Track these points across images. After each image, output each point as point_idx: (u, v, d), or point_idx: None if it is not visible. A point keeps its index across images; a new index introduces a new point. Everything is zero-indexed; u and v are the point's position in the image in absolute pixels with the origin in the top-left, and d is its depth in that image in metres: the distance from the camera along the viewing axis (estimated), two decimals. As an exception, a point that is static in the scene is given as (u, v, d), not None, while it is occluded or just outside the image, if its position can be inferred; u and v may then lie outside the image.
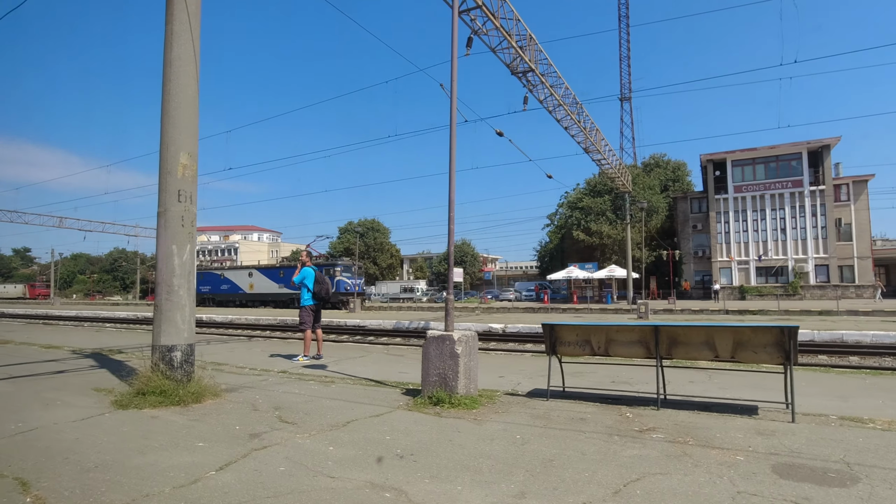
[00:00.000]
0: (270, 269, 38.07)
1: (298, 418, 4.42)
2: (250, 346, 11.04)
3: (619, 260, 40.90)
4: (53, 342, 11.38)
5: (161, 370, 5.06)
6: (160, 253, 5.22)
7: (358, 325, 20.72)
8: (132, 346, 10.78)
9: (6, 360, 8.32)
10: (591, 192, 43.77)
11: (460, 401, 4.87)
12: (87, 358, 8.63)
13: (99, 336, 13.67)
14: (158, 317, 5.17)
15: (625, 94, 49.02)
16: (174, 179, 5.27)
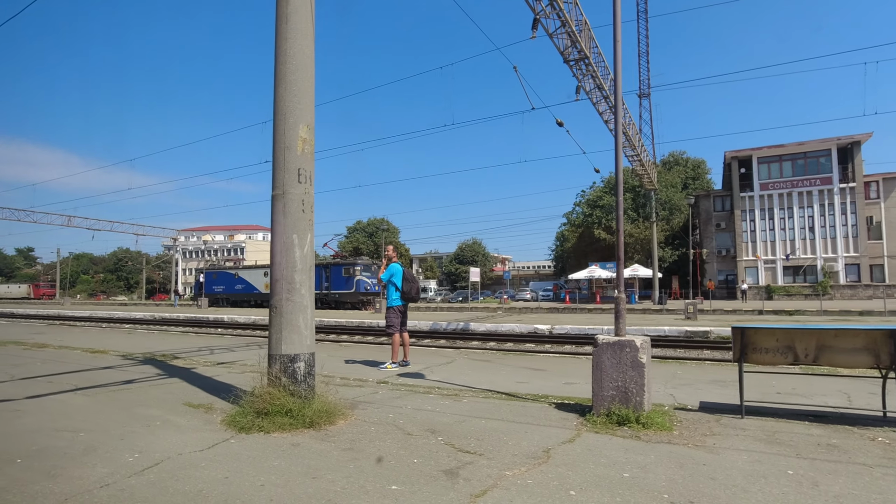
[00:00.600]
0: (287, 268, 37.22)
1: (473, 445, 3.57)
2: (323, 350, 10.17)
3: (641, 259, 40.09)
4: (93, 345, 10.54)
5: (283, 385, 4.21)
6: (278, 244, 4.37)
7: (380, 327, 19.87)
8: (183, 350, 9.93)
9: (58, 367, 7.47)
10: (611, 190, 42.91)
11: (650, 419, 4.03)
12: (145, 364, 7.78)
13: (135, 338, 12.81)
14: (277, 320, 4.32)
15: (643, 90, 48.09)
16: (293, 156, 4.42)
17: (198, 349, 10.09)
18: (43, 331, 15.42)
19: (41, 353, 9.23)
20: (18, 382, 6.25)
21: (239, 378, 6.42)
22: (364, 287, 33.24)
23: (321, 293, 34.33)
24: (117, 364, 7.76)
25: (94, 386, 5.90)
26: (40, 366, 7.64)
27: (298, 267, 4.37)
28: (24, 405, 4.95)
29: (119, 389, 5.70)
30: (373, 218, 76.20)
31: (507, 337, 14.82)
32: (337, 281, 33.77)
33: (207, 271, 41.69)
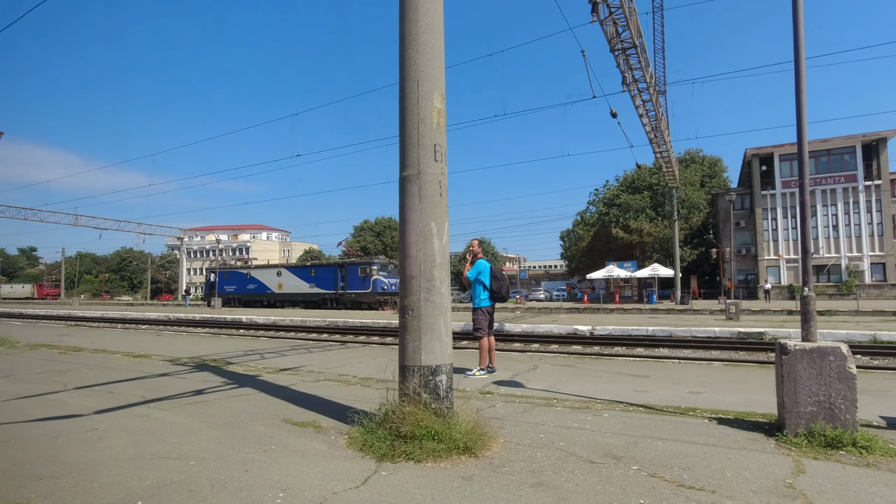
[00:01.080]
0: (301, 268, 36.49)
1: (688, 478, 2.90)
2: (366, 354, 9.50)
3: (660, 258, 39.42)
4: (130, 349, 9.87)
5: (424, 402, 3.53)
6: (412, 234, 3.69)
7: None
8: (228, 354, 9.25)
9: (109, 374, 6.80)
10: (627, 188, 42.26)
11: (871, 442, 3.36)
12: (202, 371, 7.11)
13: (168, 341, 12.14)
14: (415, 325, 3.64)
15: (659, 87, 47.39)
16: (428, 130, 3.74)
17: (244, 353, 9.41)
18: (67, 332, 14.74)
19: (80, 358, 8.56)
20: (75, 393, 5.57)
21: (321, 388, 5.76)
22: (381, 287, 32.54)
23: (336, 293, 33.68)
24: (172, 371, 7.09)
25: (164, 398, 5.23)
26: (87, 373, 6.97)
27: (437, 261, 3.70)
28: (99, 422, 4.28)
29: (196, 402, 5.03)
30: (380, 217, 75.54)
31: (547, 338, 14.19)
32: (353, 281, 33.09)
33: (219, 271, 41.01)
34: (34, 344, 10.71)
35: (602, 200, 44.00)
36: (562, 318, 21.22)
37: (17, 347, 10.13)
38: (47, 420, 4.37)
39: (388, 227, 73.21)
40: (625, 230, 40.15)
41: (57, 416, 4.47)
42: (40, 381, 6.31)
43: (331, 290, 33.94)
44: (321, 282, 34.51)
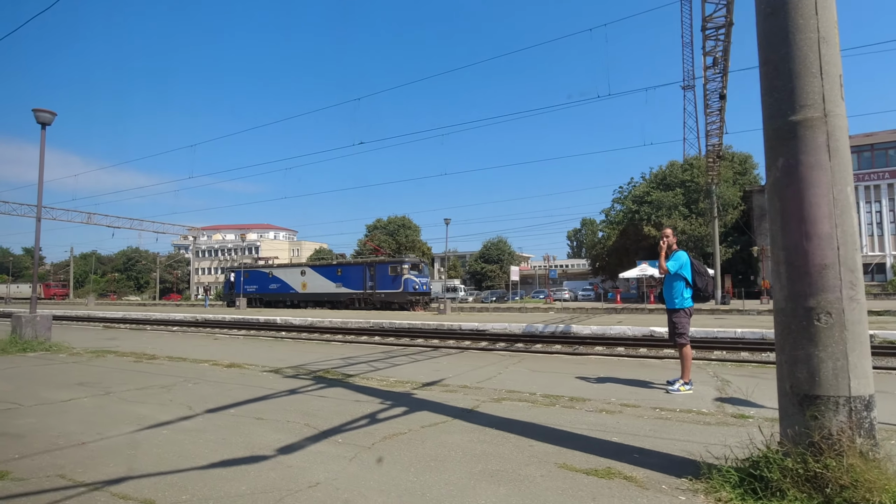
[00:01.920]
0: (326, 267, 35.31)
1: None
2: (485, 362, 8.32)
3: (694, 257, 38.10)
4: (209, 356, 8.69)
5: (858, 449, 2.36)
6: (820, 203, 2.51)
7: (476, 330, 18.03)
8: (325, 362, 8.07)
9: (224, 391, 5.62)
10: (658, 185, 41.09)
11: None
12: (332, 387, 5.93)
13: (238, 347, 10.97)
14: (832, 336, 2.46)
15: (687, 82, 46.34)
16: (833, 52, 2.57)
17: (343, 361, 8.23)
18: (113, 336, 13.55)
19: (166, 367, 7.39)
20: (214, 419, 4.40)
21: (533, 413, 4.59)
22: (412, 287, 31.39)
23: (364, 293, 32.52)
24: (296, 386, 5.90)
25: (339, 428, 4.06)
26: (195, 388, 5.80)
27: (857, 243, 2.52)
28: (304, 470, 3.10)
29: (392, 436, 3.84)
30: (393, 216, 74.47)
31: (626, 341, 13.11)
32: (382, 280, 31.93)
33: (238, 270, 39.85)
34: (96, 350, 9.53)
35: (631, 198, 42.83)
36: (610, 319, 20.03)
37: (81, 354, 8.96)
38: (229, 465, 3.19)
39: (402, 226, 72.14)
40: (657, 228, 38.92)
41: (237, 459, 3.29)
42: (152, 400, 5.14)
43: (359, 290, 32.79)
44: (348, 281, 33.35)
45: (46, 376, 6.76)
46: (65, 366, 7.68)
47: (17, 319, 9.54)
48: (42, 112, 9.84)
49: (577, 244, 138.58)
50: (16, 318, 9.57)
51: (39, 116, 9.84)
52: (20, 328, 9.45)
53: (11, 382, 6.28)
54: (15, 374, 6.90)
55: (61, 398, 5.25)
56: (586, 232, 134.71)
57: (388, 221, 73.65)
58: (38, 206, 10.07)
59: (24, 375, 6.85)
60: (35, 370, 7.29)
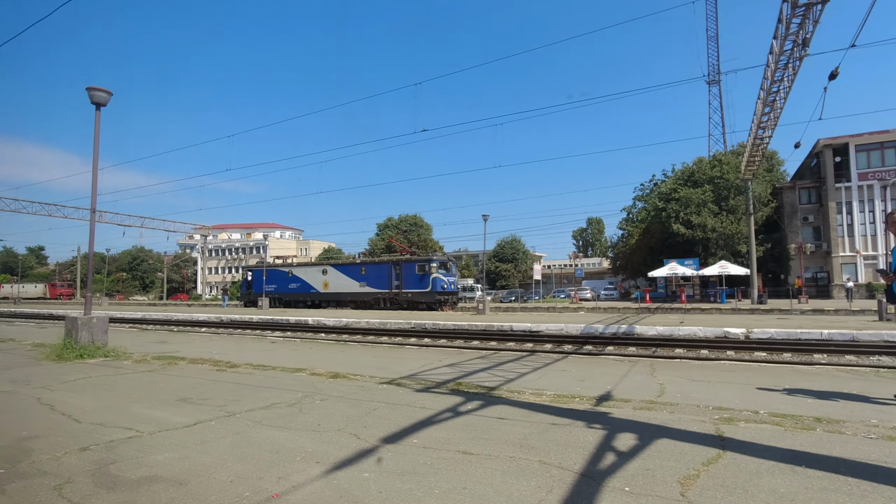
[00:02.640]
0: (349, 265, 34.26)
1: None
2: (633, 370, 7.34)
3: (725, 255, 37.25)
4: (292, 363, 7.71)
5: None
6: None
7: (530, 331, 17.04)
8: (432, 371, 7.09)
9: (366, 409, 4.63)
10: (686, 182, 40.08)
11: None
12: (497, 404, 4.94)
13: (305, 351, 9.99)
14: None
15: (712, 76, 45.33)
16: None
17: (456, 370, 7.25)
18: (162, 339, 12.54)
19: (262, 379, 6.40)
20: (408, 454, 3.41)
21: (793, 439, 3.59)
22: (441, 286, 30.36)
23: (390, 293, 31.50)
24: (453, 405, 4.91)
25: (600, 467, 3.07)
26: (328, 406, 4.82)
27: None
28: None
29: (691, 479, 2.85)
30: (404, 215, 73.50)
31: (703, 343, 12.19)
32: (409, 279, 30.91)
33: (256, 269, 38.81)
34: (160, 355, 8.53)
35: (657, 195, 41.80)
36: (683, 319, 19.02)
37: (147, 361, 7.96)
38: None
39: (415, 225, 71.14)
40: (686, 226, 37.96)
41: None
42: (294, 424, 4.15)
43: (384, 290, 31.77)
44: (373, 280, 32.33)
45: (132, 389, 5.77)
46: (142, 375, 6.69)
47: (72, 322, 8.55)
48: (97, 91, 8.85)
49: (584, 243, 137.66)
50: (71, 320, 8.58)
51: (94, 96, 8.85)
52: (76, 331, 8.45)
53: (94, 397, 5.30)
54: (91, 387, 5.92)
55: (181, 421, 4.26)
56: (592, 231, 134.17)
57: (399, 220, 72.65)
58: (92, 196, 9.05)
59: (103, 388, 5.86)
60: (113, 381, 6.30)
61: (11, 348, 9.83)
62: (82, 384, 6.13)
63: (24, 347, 9.95)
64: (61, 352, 8.19)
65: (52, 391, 5.65)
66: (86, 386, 6.00)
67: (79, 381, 6.28)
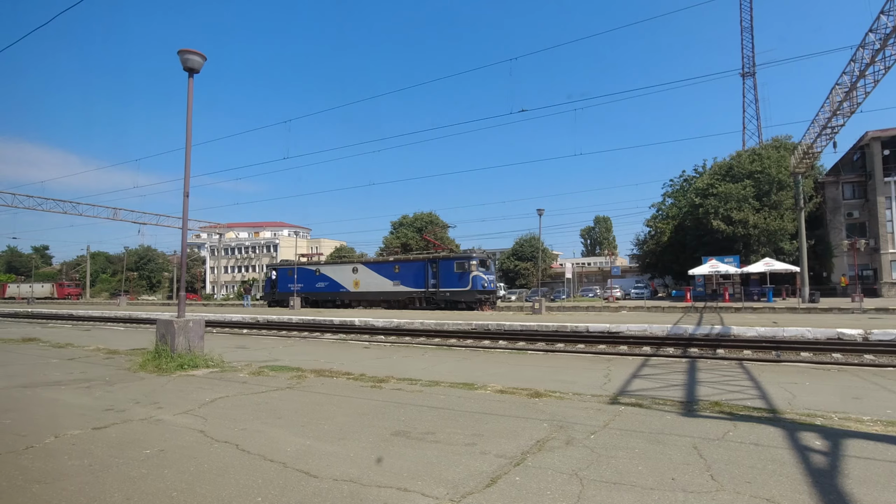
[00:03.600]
0: (382, 263, 32.88)
1: None
2: (797, 378, 6.03)
3: (767, 252, 35.95)
4: (441, 376, 6.40)
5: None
6: None
7: (609, 332, 15.75)
8: (610, 385, 5.77)
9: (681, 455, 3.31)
10: (724, 176, 38.74)
11: None
12: (806, 430, 3.62)
13: (398, 358, 8.69)
14: None
15: (747, 69, 43.96)
16: None
17: (664, 383, 5.94)
18: (242, 344, 11.24)
19: (442, 399, 5.09)
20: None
21: None
22: (481, 284, 29.04)
23: (426, 291, 30.17)
24: (764, 440, 3.60)
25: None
26: (609, 444, 3.50)
27: None
28: None
29: None
30: (419, 213, 72.19)
31: (821, 345, 10.96)
32: (447, 277, 29.57)
33: (281, 268, 37.49)
34: (273, 366, 7.21)
35: (693, 191, 40.48)
36: (776, 320, 17.72)
37: (265, 374, 6.65)
38: None
39: (430, 223, 69.81)
40: (726, 222, 36.63)
41: None
42: (623, 479, 2.84)
43: (419, 289, 30.44)
44: (408, 279, 30.99)
45: (304, 415, 4.46)
46: (287, 395, 5.38)
47: (166, 325, 7.23)
48: (190, 54, 7.53)
49: (591, 242, 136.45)
50: (164, 323, 7.27)
51: (187, 60, 7.53)
52: (171, 337, 7.15)
53: (274, 428, 3.99)
54: (246, 411, 4.61)
55: (470, 478, 2.95)
56: (600, 230, 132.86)
57: (414, 218, 71.33)
58: (185, 177, 7.74)
59: (264, 412, 4.55)
60: (262, 403, 4.98)
61: (84, 356, 8.53)
62: (227, 407, 4.83)
63: (97, 355, 8.65)
64: (160, 361, 6.90)
65: (202, 418, 4.35)
66: (235, 410, 4.70)
67: (218, 403, 4.98)
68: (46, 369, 7.23)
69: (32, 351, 9.48)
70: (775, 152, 38.07)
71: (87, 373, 6.88)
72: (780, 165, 36.53)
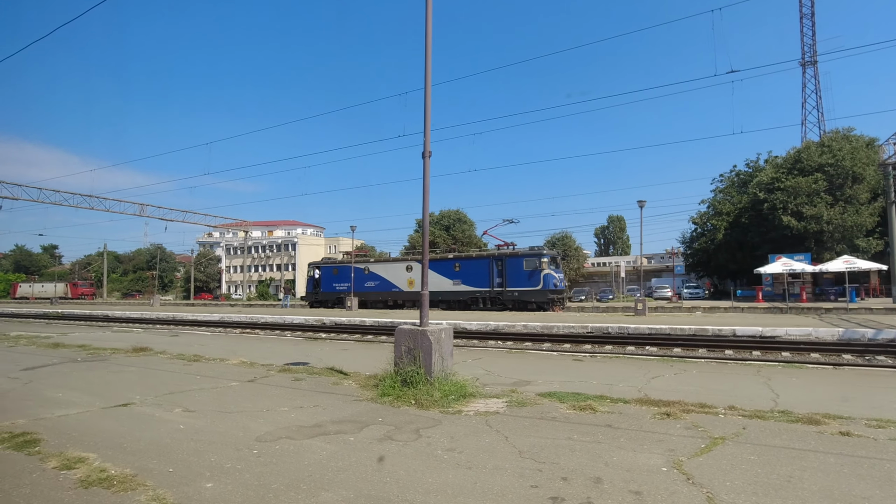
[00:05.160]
0: (440, 261, 30.73)
1: None
2: None
3: (843, 249, 33.90)
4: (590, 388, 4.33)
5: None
6: None
7: (761, 336, 13.68)
8: None
9: None
10: (789, 170, 36.68)
11: None
12: None
13: (599, 366, 6.63)
14: None
15: (807, 58, 41.90)
16: None
17: None
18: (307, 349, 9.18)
19: None
20: None
21: None
22: (552, 283, 26.99)
23: (491, 291, 28.11)
24: None
25: None
26: None
27: None
28: None
29: None
30: (445, 210, 70.16)
31: None
32: (515, 276, 27.51)
33: (324, 266, 35.42)
34: (547, 394, 5.14)
35: (756, 185, 38.39)
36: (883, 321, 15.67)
37: (588, 407, 4.58)
38: None
39: (458, 220, 67.82)
40: (797, 217, 34.56)
41: None
42: None
43: (483, 288, 28.37)
44: (470, 278, 28.92)
45: None
46: (648, 439, 3.30)
47: (413, 337, 5.14)
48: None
49: (605, 241, 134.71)
50: (410, 334, 5.17)
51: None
52: (425, 354, 5.06)
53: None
54: None
55: None
56: (614, 229, 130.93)
57: (440, 215, 69.28)
58: (425, 137, 5.64)
59: None
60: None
61: (264, 376, 6.46)
62: (729, 469, 2.74)
63: (280, 377, 6.57)
64: (415, 390, 4.83)
65: None
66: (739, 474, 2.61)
67: (703, 461, 2.89)
68: (248, 399, 5.17)
69: (173, 367, 7.42)
70: (847, 143, 36.02)
71: (319, 405, 4.83)
72: (854, 157, 34.48)
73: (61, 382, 6.27)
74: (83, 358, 8.50)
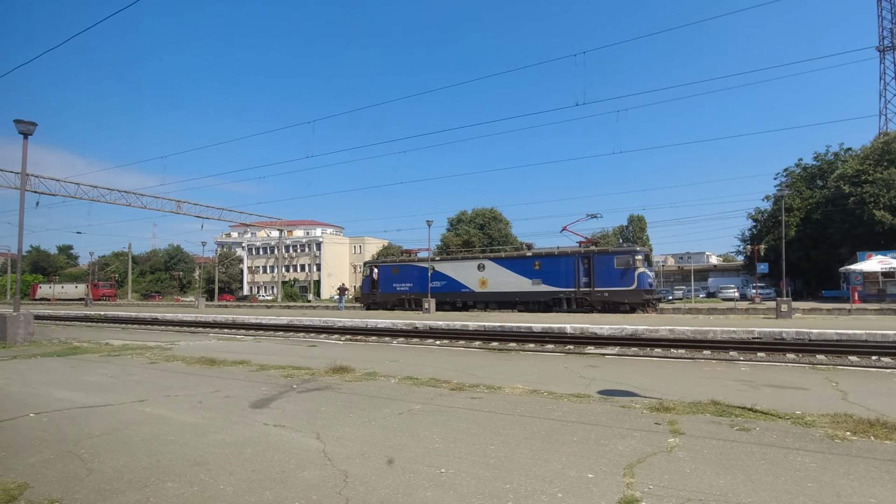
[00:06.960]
0: (517, 259, 28.41)
1: None
2: None
3: (943, 246, 31.50)
4: None
5: None
6: None
7: None
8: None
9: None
10: (877, 161, 34.29)
11: None
12: None
13: None
14: None
15: (885, 43, 39.46)
16: None
17: None
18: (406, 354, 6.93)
19: None
20: None
21: None
22: (647, 283, 24.72)
23: (576, 291, 25.86)
24: None
25: None
26: None
27: None
28: None
29: None
30: (479, 209, 67.99)
31: None
32: (605, 275, 25.26)
33: (382, 265, 33.22)
34: None
35: (838, 177, 36.03)
36: None
37: None
38: None
39: (494, 219, 65.64)
40: (891, 212, 32.19)
41: None
42: None
43: (568, 288, 26.11)
44: (551, 277, 26.67)
45: None
46: None
47: None
48: None
49: (624, 240, 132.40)
50: None
51: None
52: None
53: None
54: None
55: None
56: (634, 229, 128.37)
57: (474, 214, 67.11)
58: None
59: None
60: None
61: (608, 419, 4.25)
62: None
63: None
64: None
65: None
66: None
67: None
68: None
69: (459, 403, 5.20)
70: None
71: None
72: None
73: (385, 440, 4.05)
74: (297, 386, 6.26)
